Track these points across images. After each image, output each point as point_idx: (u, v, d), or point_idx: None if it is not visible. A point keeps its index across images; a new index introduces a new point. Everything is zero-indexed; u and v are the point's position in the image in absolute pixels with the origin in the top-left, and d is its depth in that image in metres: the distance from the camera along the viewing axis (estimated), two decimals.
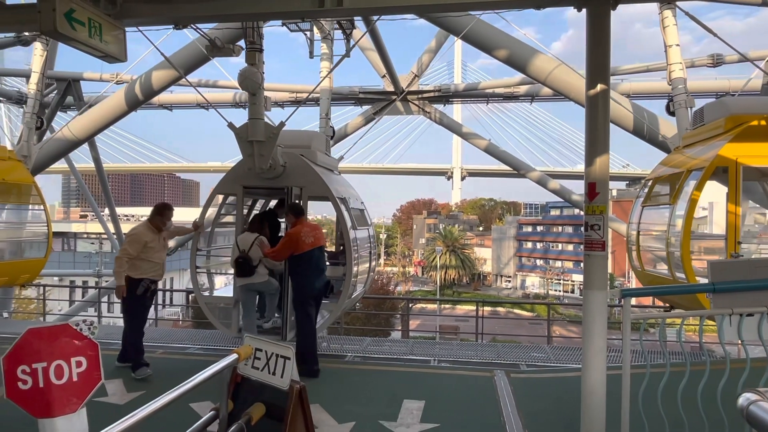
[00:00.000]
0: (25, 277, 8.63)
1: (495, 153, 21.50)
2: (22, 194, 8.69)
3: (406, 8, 5.76)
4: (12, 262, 8.57)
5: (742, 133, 6.31)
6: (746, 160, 6.26)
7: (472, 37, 12.06)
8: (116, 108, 14.00)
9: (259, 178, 6.87)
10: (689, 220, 6.35)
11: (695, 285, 5.91)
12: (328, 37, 9.87)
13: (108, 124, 14.84)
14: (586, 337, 4.29)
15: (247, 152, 6.53)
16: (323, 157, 7.92)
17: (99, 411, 4.77)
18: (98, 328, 8.89)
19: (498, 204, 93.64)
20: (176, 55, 12.21)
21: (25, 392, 2.00)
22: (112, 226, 24.17)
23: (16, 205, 8.99)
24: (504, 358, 7.86)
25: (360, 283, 8.16)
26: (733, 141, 6.30)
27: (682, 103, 8.38)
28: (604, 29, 4.39)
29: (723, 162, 6.26)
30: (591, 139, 4.42)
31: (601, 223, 4.35)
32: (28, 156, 9.63)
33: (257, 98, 6.53)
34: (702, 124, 7.36)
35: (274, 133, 6.43)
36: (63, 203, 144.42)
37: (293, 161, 7.04)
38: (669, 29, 8.49)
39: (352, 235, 7.23)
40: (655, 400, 3.79)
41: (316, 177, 7.01)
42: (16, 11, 5.25)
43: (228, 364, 2.90)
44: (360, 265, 7.71)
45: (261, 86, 6.58)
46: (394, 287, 45.85)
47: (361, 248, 7.88)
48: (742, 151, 6.26)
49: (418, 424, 4.99)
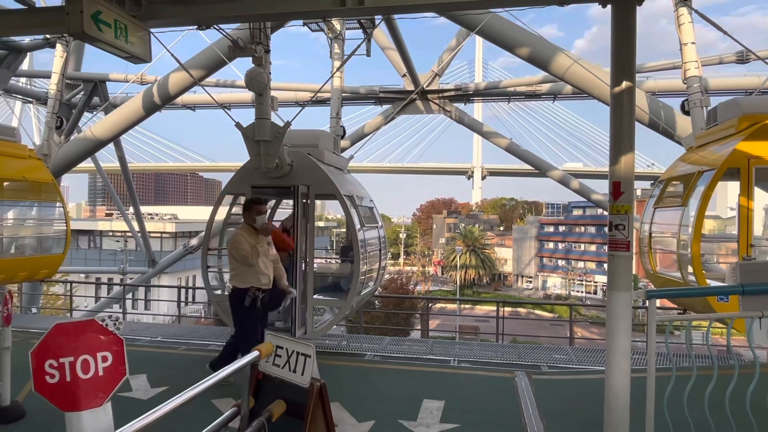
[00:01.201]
0: (44, 273, 8.88)
1: (516, 152, 21.27)
2: (42, 192, 8.93)
3: (426, 6, 5.74)
4: (32, 257, 8.84)
5: (755, 133, 6.17)
6: (759, 161, 6.13)
7: (493, 34, 11.96)
8: (137, 110, 14.22)
9: (267, 177, 6.96)
10: (699, 222, 6.23)
11: (724, 286, 5.78)
12: (339, 37, 9.90)
13: (130, 126, 15.09)
14: (610, 339, 4.22)
15: (254, 152, 6.63)
16: (331, 156, 7.98)
17: (124, 406, 4.86)
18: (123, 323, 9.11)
19: (519, 203, 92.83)
20: (198, 57, 12.36)
21: (52, 386, 2.04)
22: (136, 225, 24.59)
23: (36, 202, 9.25)
24: (525, 359, 7.77)
25: (370, 280, 8.19)
26: (745, 141, 6.16)
27: (697, 102, 8.21)
28: (630, 25, 4.32)
29: (734, 163, 6.13)
30: (616, 137, 4.35)
31: (625, 223, 4.28)
32: (48, 155, 9.89)
33: (264, 98, 6.64)
34: (716, 123, 7.23)
35: (280, 132, 6.51)
36: (89, 202, 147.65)
37: (300, 160, 7.11)
38: (684, 27, 8.33)
39: (360, 233, 7.29)
40: (681, 404, 3.71)
41: (323, 175, 7.08)
42: (45, 14, 5.38)
43: (249, 361, 2.92)
44: (368, 263, 7.74)
45: (267, 86, 6.68)
46: (413, 287, 45.74)
47: (369, 246, 7.91)
48: (755, 151, 6.13)
49: (438, 424, 4.97)
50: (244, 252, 5.70)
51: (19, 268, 8.37)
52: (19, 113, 38.85)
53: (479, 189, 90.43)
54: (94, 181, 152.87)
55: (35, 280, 9.57)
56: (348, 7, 4.81)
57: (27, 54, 18.10)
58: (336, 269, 8.28)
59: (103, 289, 27.74)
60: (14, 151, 8.24)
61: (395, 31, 15.18)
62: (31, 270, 8.59)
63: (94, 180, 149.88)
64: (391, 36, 15.66)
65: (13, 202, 9.06)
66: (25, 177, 8.43)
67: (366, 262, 7.45)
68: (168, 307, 27.13)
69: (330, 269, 9.18)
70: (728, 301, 5.92)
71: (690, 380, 3.67)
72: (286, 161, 6.84)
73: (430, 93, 19.76)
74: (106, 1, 4.58)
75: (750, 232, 6.20)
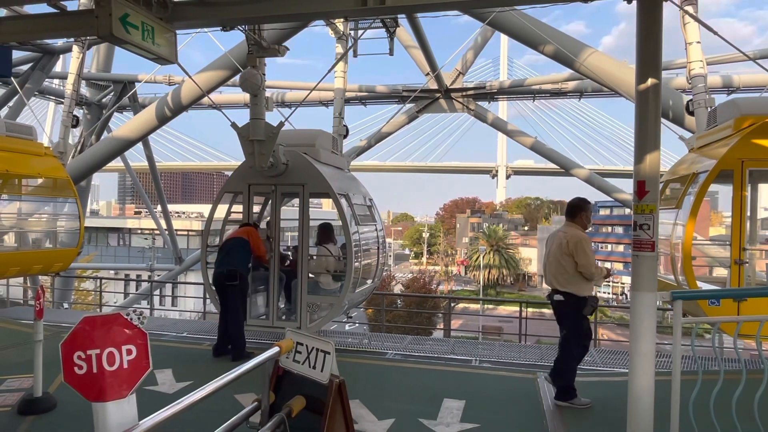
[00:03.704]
0: (58, 266, 9.23)
1: (541, 151, 21.01)
2: (57, 188, 9.30)
3: (449, 4, 5.72)
4: (46, 251, 9.19)
5: (750, 134, 6.08)
6: (754, 162, 6.05)
7: (518, 32, 11.84)
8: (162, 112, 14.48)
9: (264, 176, 7.16)
10: (691, 224, 6.14)
11: (754, 289, 5.65)
12: (342, 38, 10.00)
13: (157, 127, 15.38)
14: (634, 340, 4.15)
15: (249, 151, 6.78)
16: (328, 155, 8.16)
17: (149, 399, 4.98)
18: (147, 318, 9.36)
19: (544, 203, 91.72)
20: (222, 59, 12.56)
21: (80, 377, 2.11)
22: (164, 222, 25.12)
23: (50, 198, 9.66)
24: (548, 360, 7.67)
25: (367, 278, 8.36)
26: (740, 142, 6.08)
27: (701, 102, 8.04)
28: (656, 21, 4.23)
29: (727, 165, 6.06)
30: (641, 135, 4.27)
31: (650, 223, 4.20)
32: (64, 152, 10.25)
33: (258, 99, 6.80)
34: (716, 124, 7.15)
35: (273, 132, 6.66)
36: (119, 200, 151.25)
37: (296, 159, 7.30)
38: (689, 26, 8.16)
39: (354, 231, 7.43)
40: (707, 408, 3.62)
41: (317, 174, 7.24)
42: (75, 17, 5.53)
43: (270, 357, 2.97)
44: (363, 261, 7.90)
45: (262, 88, 6.84)
46: (436, 286, 45.59)
47: (365, 244, 8.04)
48: (748, 153, 6.03)
49: (458, 424, 4.95)
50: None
51: (34, 261, 8.74)
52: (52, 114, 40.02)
53: (503, 188, 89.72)
54: (123, 180, 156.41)
55: (50, 272, 10.01)
56: (370, 7, 4.82)
57: (59, 56, 18.66)
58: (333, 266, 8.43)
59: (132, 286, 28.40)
60: (31, 149, 8.56)
61: (419, 29, 15.15)
62: (46, 263, 8.94)
63: (124, 179, 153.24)
64: (415, 34, 15.63)
65: (29, 198, 9.50)
66: (41, 174, 8.78)
67: (360, 259, 7.61)
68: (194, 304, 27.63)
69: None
70: (720, 305, 5.86)
71: (717, 384, 3.59)
72: (281, 160, 7.02)
73: (454, 91, 19.66)
74: (134, 4, 4.69)
75: (743, 235, 6.14)
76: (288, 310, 8.00)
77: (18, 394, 5.37)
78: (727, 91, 16.43)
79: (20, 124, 8.75)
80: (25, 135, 8.48)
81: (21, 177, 8.65)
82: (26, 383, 5.55)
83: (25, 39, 9.06)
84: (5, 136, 8.04)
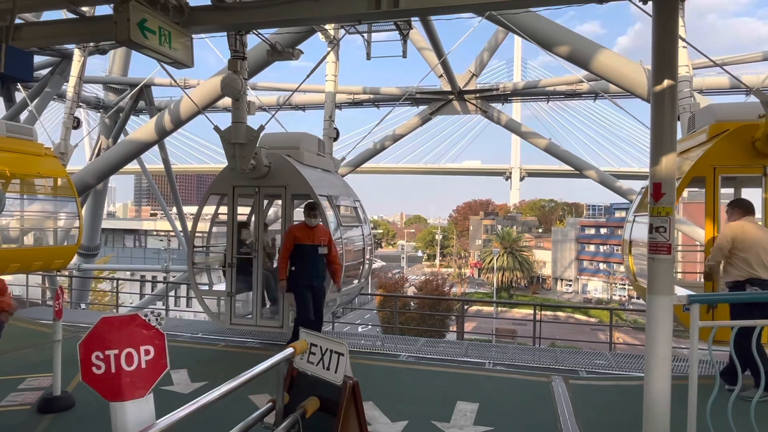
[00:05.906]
0: (58, 263, 9.43)
1: (556, 152, 20.89)
2: (57, 187, 9.51)
3: (462, 7, 5.71)
4: (46, 248, 9.43)
5: (722, 141, 6.13)
6: (725, 169, 6.15)
7: (532, 33, 11.78)
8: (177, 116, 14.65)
9: (247, 178, 7.32)
10: None
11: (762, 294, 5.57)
12: (333, 42, 10.09)
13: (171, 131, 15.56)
14: (650, 344, 4.11)
15: (230, 154, 6.92)
16: (312, 158, 8.32)
17: (166, 399, 5.04)
18: (164, 319, 9.48)
19: (559, 205, 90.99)
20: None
21: (98, 377, 2.15)
22: (179, 224, 25.36)
23: (50, 196, 9.84)
24: (562, 363, 7.62)
25: (353, 277, 8.57)
26: (712, 149, 6.14)
27: (686, 107, 7.95)
28: (672, 22, 4.19)
29: (699, 171, 6.16)
30: (657, 136, 4.23)
31: (666, 225, 4.16)
32: (65, 153, 10.45)
33: (240, 103, 6.93)
34: (695, 130, 7.19)
35: (254, 135, 6.80)
36: (135, 202, 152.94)
37: (278, 162, 7.46)
38: None
39: (336, 232, 7.54)
40: (725, 413, 3.57)
41: (298, 176, 7.39)
42: (94, 22, 5.64)
43: (284, 358, 2.99)
44: (347, 261, 8.04)
45: (243, 92, 6.94)
46: (449, 288, 45.45)
47: (348, 244, 8.18)
48: (721, 160, 6.12)
49: (471, 427, 4.94)
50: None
51: (34, 258, 8.96)
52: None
53: (517, 190, 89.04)
54: (139, 182, 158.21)
55: (50, 269, 10.19)
56: (383, 10, 4.85)
57: None
58: None
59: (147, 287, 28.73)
60: (31, 149, 8.78)
61: (432, 31, 15.15)
62: (46, 260, 9.16)
63: (140, 181, 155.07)
64: (428, 36, 15.63)
65: (29, 196, 9.69)
66: (40, 173, 8.99)
67: (343, 260, 7.73)
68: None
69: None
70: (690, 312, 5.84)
71: (735, 389, 3.53)
72: (263, 163, 7.14)
73: (467, 93, 19.63)
74: (151, 9, 4.77)
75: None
76: (271, 310, 8.14)
77: (37, 393, 5.47)
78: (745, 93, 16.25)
79: (20, 125, 9.00)
80: (25, 136, 8.68)
81: (21, 177, 8.86)
82: (45, 382, 5.66)
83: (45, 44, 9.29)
84: (5, 137, 8.25)
